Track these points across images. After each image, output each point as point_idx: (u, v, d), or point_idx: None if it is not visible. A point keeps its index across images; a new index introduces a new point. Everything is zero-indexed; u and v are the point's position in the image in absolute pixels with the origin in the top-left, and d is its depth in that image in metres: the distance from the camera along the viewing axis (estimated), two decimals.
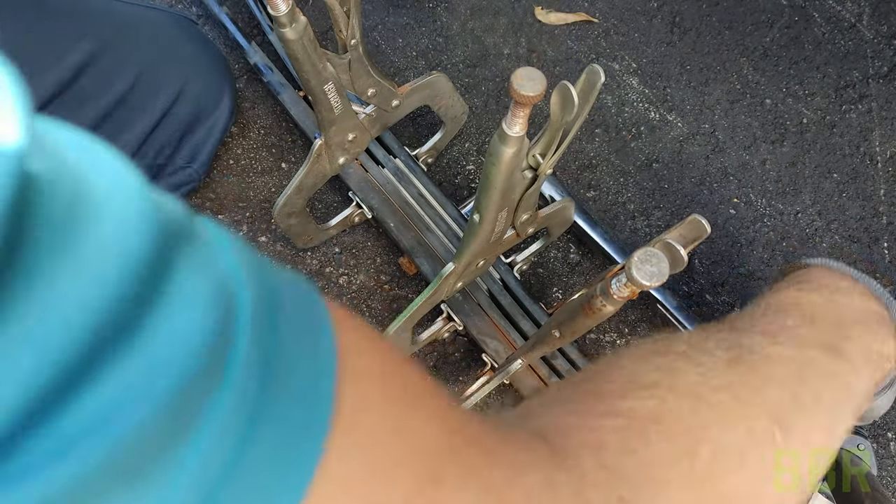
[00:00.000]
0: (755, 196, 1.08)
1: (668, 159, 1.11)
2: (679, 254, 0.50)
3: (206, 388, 0.22)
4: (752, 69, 1.14)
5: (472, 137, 1.12)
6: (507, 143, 0.52)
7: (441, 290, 0.77)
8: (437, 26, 1.17)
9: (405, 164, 0.96)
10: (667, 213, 1.08)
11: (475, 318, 0.91)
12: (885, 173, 1.08)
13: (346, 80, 0.78)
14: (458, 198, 1.07)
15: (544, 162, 0.59)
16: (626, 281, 0.49)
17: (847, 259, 1.05)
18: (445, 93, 0.91)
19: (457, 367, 1.01)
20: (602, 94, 1.14)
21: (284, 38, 0.66)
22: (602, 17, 1.19)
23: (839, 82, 1.13)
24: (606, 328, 1.03)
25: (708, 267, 1.06)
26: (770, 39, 1.15)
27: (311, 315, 0.27)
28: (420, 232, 0.93)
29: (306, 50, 0.69)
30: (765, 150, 1.10)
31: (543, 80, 0.46)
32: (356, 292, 1.04)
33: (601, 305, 0.53)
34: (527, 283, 1.04)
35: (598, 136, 1.12)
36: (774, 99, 1.12)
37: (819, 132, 1.11)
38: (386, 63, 1.16)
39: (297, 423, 0.25)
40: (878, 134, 1.10)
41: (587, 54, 1.17)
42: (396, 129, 1.09)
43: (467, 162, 1.11)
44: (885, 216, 1.06)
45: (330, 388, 0.26)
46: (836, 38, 1.15)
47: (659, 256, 0.47)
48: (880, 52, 1.14)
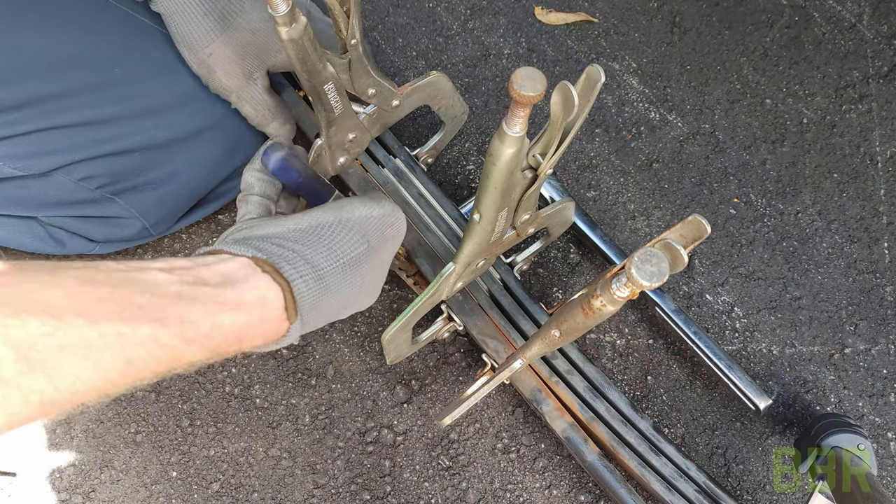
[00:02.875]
0: (755, 196, 1.08)
1: (668, 159, 1.11)
2: (679, 254, 0.50)
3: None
4: (752, 69, 1.14)
5: (472, 137, 1.12)
6: (507, 143, 0.52)
7: (441, 291, 0.77)
8: (437, 26, 1.17)
9: (405, 163, 0.96)
10: (667, 213, 1.08)
11: (475, 318, 0.91)
12: (885, 173, 1.08)
13: (346, 80, 0.78)
14: (459, 198, 1.07)
15: (544, 162, 0.59)
16: (626, 281, 0.49)
17: (847, 259, 1.05)
18: (445, 93, 0.91)
19: (457, 367, 1.01)
20: (602, 94, 1.14)
21: (284, 37, 0.66)
22: (602, 17, 1.19)
23: (839, 82, 1.13)
24: (606, 328, 1.03)
25: (708, 267, 1.06)
26: (770, 39, 1.15)
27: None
28: (420, 232, 0.93)
29: (306, 50, 0.69)
30: (765, 149, 1.10)
31: (543, 79, 0.46)
32: None
33: (601, 305, 0.53)
34: (527, 283, 1.04)
35: (598, 136, 1.12)
36: (774, 99, 1.12)
37: (819, 132, 1.11)
38: (386, 63, 1.16)
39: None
40: (878, 134, 1.10)
41: (587, 54, 1.17)
42: (396, 128, 1.09)
43: (467, 162, 1.11)
44: (885, 216, 1.06)
45: None
46: (836, 38, 1.15)
47: (659, 256, 0.47)
48: (880, 52, 1.14)
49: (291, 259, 0.57)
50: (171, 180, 0.91)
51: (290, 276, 0.56)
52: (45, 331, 0.42)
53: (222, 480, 0.97)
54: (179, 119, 0.87)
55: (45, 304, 0.42)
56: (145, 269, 0.49)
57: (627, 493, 0.87)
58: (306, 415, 0.99)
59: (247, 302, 0.52)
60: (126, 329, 0.45)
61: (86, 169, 0.84)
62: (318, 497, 0.96)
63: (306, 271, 0.58)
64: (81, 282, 0.45)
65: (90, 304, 0.44)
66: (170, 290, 0.48)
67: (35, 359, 0.41)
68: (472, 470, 0.98)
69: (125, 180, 0.88)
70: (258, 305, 0.53)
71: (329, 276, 0.60)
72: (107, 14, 0.86)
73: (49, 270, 0.44)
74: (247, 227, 0.63)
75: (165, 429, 0.98)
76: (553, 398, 0.89)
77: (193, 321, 0.49)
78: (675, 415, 1.00)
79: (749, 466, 0.98)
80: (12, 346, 0.40)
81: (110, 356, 0.45)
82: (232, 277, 0.53)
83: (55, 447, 0.97)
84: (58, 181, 0.84)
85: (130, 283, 0.47)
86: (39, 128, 0.79)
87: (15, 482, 0.96)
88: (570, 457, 0.97)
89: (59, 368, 0.42)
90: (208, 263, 0.53)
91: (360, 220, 0.65)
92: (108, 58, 0.83)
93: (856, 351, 1.01)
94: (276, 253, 0.57)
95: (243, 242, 0.58)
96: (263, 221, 0.63)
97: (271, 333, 0.55)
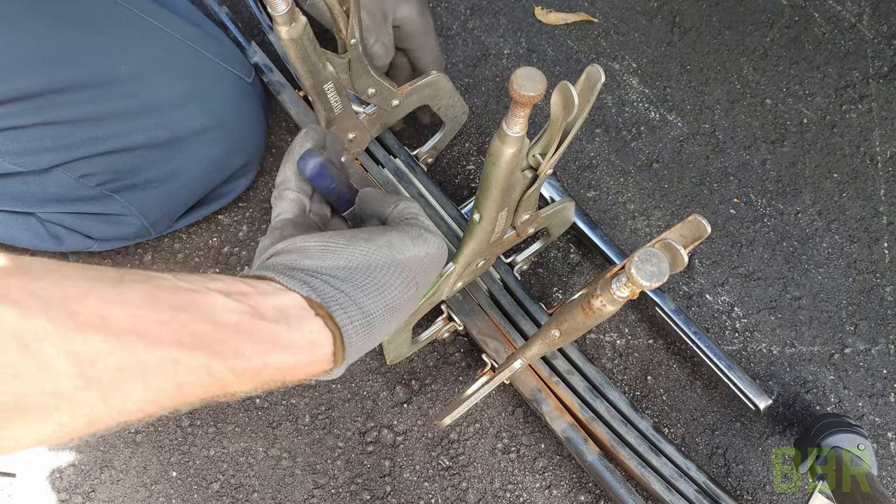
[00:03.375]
0: (755, 196, 1.08)
1: (668, 159, 1.11)
2: (679, 254, 0.50)
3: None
4: (752, 69, 1.14)
5: (472, 137, 1.12)
6: (507, 143, 0.52)
7: (441, 290, 0.77)
8: (437, 26, 1.17)
9: (405, 163, 0.96)
10: (667, 213, 1.08)
11: (475, 318, 0.91)
12: (885, 173, 1.08)
13: (346, 80, 0.78)
14: (459, 198, 1.07)
15: (544, 162, 0.59)
16: (626, 281, 0.49)
17: (847, 259, 1.05)
18: (445, 92, 0.91)
19: (457, 367, 1.01)
20: (602, 94, 1.14)
21: (284, 37, 0.66)
22: (602, 17, 1.19)
23: (839, 82, 1.13)
24: (606, 328, 1.03)
25: (708, 267, 1.06)
26: (770, 39, 1.15)
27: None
28: None
29: (306, 49, 0.69)
30: (765, 149, 1.10)
31: (543, 79, 0.46)
32: None
33: (601, 305, 0.53)
34: (527, 283, 1.04)
35: (598, 136, 1.12)
36: (774, 99, 1.12)
37: (819, 132, 1.11)
38: None
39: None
40: (878, 134, 1.10)
41: (587, 54, 1.17)
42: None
43: (467, 162, 1.11)
44: (885, 216, 1.06)
45: None
46: (836, 38, 1.15)
47: (659, 256, 0.47)
48: (880, 52, 1.14)
49: (344, 304, 0.56)
50: (171, 179, 0.91)
51: (342, 323, 0.55)
52: (106, 349, 0.42)
53: (222, 480, 0.97)
54: (181, 118, 0.87)
55: (108, 322, 0.43)
56: (207, 291, 0.49)
57: (627, 493, 0.87)
58: (306, 415, 0.99)
59: (298, 343, 0.52)
60: (182, 356, 0.45)
61: (86, 166, 0.84)
62: (318, 497, 0.96)
63: (357, 318, 0.57)
64: (145, 300, 0.45)
65: (151, 326, 0.44)
66: (229, 320, 0.49)
67: (92, 376, 0.42)
68: (472, 470, 0.98)
69: (125, 178, 0.88)
70: (309, 349, 0.53)
71: (377, 320, 0.59)
72: (113, 13, 0.86)
73: (114, 283, 0.45)
74: (293, 249, 0.61)
75: (165, 429, 0.98)
76: (553, 398, 0.90)
77: (247, 356, 0.49)
78: (675, 415, 1.00)
79: (749, 466, 0.98)
80: (73, 362, 0.41)
81: (162, 380, 0.45)
82: (287, 315, 0.53)
83: (55, 447, 0.98)
84: (58, 178, 0.84)
85: (191, 308, 0.47)
86: (39, 121, 0.79)
87: (15, 482, 0.96)
88: (570, 457, 0.97)
89: (112, 387, 0.43)
90: (265, 293, 0.53)
91: (411, 261, 0.63)
92: (112, 55, 0.83)
93: (856, 351, 1.01)
94: (330, 296, 0.56)
95: (295, 276, 0.57)
96: (311, 246, 0.61)
97: (315, 373, 0.56)
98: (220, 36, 0.99)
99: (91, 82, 0.81)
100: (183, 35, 0.90)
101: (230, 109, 0.89)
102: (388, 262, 0.61)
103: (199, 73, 0.88)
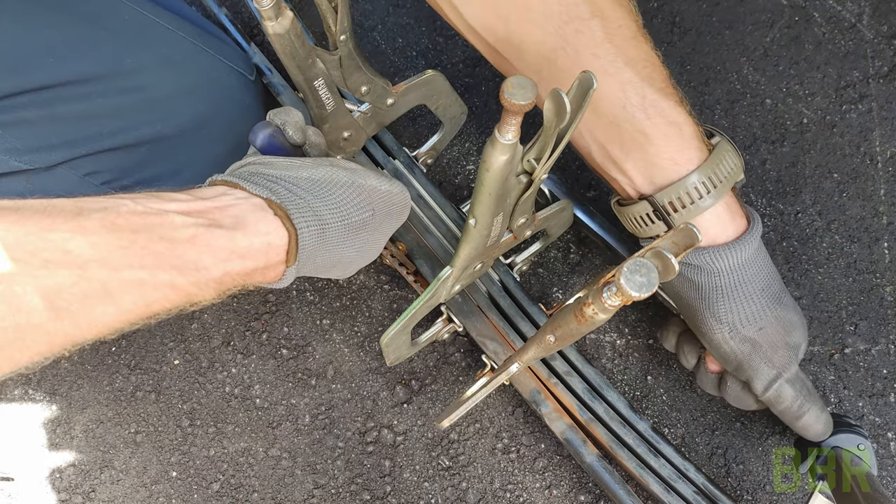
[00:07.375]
0: (755, 196, 1.08)
1: None
2: (670, 262, 0.50)
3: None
4: (752, 69, 1.14)
5: (471, 137, 1.12)
6: (500, 151, 0.52)
7: (439, 294, 0.77)
8: (437, 26, 1.17)
9: (404, 164, 0.96)
10: None
11: (475, 319, 0.91)
12: (886, 173, 1.08)
13: (338, 77, 0.78)
14: (458, 198, 1.08)
15: (539, 167, 0.60)
16: (616, 290, 0.49)
17: (847, 259, 1.04)
18: (442, 92, 0.91)
19: (457, 368, 1.02)
20: None
21: (269, 31, 0.66)
22: None
23: (839, 82, 1.12)
24: (606, 328, 1.03)
25: None
26: (770, 39, 1.15)
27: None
28: (419, 233, 0.93)
29: (293, 44, 0.68)
30: (765, 150, 1.10)
31: (534, 88, 0.46)
32: (356, 292, 1.04)
33: (593, 313, 0.53)
34: (527, 284, 1.05)
35: None
36: (774, 99, 1.12)
37: (819, 132, 1.10)
38: (386, 63, 1.16)
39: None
40: (879, 134, 1.09)
41: None
42: (395, 129, 1.09)
43: (467, 162, 1.11)
44: (886, 216, 1.06)
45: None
46: (836, 38, 1.15)
47: (649, 266, 0.47)
48: (880, 52, 1.13)
49: (301, 208, 0.60)
50: (175, 176, 0.91)
51: (298, 225, 0.59)
52: (72, 280, 0.46)
53: (222, 480, 0.97)
54: (186, 112, 0.88)
55: (71, 254, 0.46)
56: (163, 212, 0.52)
57: (626, 494, 0.87)
58: (306, 415, 1.00)
59: (255, 247, 0.56)
60: (145, 275, 0.49)
61: (91, 163, 0.84)
62: (318, 497, 0.97)
63: (312, 223, 0.61)
64: (104, 227, 0.48)
65: (112, 252, 0.48)
66: (185, 235, 0.52)
67: (62, 306, 0.46)
68: (472, 470, 0.98)
69: (130, 175, 0.88)
70: (264, 252, 0.57)
71: (331, 232, 0.63)
72: (117, 11, 0.87)
73: (73, 215, 0.48)
74: (260, 162, 0.65)
75: (165, 429, 0.99)
76: (552, 399, 0.90)
77: (207, 267, 0.53)
78: (675, 415, 1.00)
79: (749, 466, 0.98)
80: (42, 295, 0.45)
81: (130, 301, 0.49)
82: (244, 221, 0.56)
83: (55, 447, 0.98)
84: (63, 176, 0.84)
85: (149, 230, 0.50)
86: (46, 115, 0.80)
87: (15, 482, 0.97)
88: (570, 457, 0.97)
89: (83, 313, 0.47)
90: (223, 206, 0.56)
91: (370, 188, 0.68)
92: (118, 49, 0.84)
93: (856, 351, 1.01)
94: (289, 199, 0.60)
95: (257, 181, 0.60)
96: (277, 161, 0.65)
97: (270, 276, 0.60)
98: (221, 35, 0.99)
99: (98, 75, 0.82)
100: (185, 33, 0.90)
101: (233, 105, 0.90)
102: (349, 183, 0.66)
103: (202, 69, 0.88)
